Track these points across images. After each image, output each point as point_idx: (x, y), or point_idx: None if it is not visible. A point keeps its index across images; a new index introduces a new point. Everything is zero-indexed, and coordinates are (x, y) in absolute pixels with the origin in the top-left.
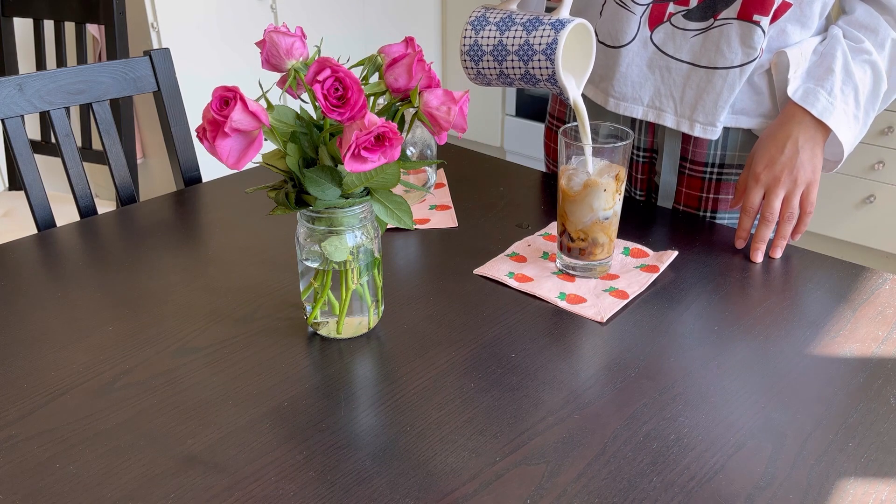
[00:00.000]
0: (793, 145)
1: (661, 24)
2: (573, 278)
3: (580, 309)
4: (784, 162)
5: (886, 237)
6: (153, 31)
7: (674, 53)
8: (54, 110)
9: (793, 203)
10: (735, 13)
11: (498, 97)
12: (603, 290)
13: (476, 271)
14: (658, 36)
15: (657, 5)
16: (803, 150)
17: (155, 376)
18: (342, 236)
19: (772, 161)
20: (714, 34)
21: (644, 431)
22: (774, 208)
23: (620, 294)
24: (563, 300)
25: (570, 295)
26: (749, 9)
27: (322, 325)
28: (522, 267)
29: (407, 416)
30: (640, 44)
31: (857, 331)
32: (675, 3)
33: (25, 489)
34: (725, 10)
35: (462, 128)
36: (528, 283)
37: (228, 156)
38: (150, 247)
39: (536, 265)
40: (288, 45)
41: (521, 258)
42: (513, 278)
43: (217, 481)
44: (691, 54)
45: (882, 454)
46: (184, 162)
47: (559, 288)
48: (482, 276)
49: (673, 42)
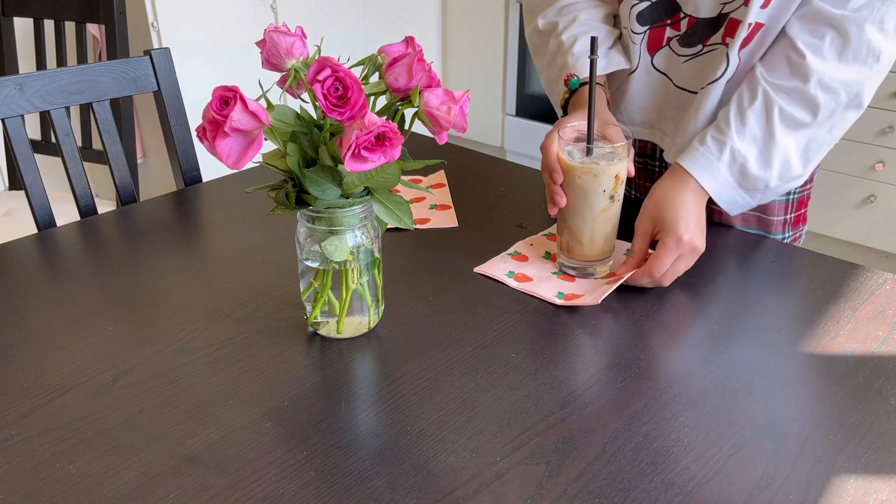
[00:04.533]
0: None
1: (661, 48)
2: (573, 278)
3: (577, 301)
4: None
5: (886, 237)
6: (153, 31)
7: (672, 77)
8: (54, 110)
9: None
10: (720, 38)
11: (498, 97)
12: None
13: (476, 269)
14: (659, 60)
15: (654, 31)
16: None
17: (155, 376)
18: (342, 236)
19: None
20: (703, 60)
21: (644, 431)
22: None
23: (613, 278)
24: (560, 298)
25: (567, 294)
26: (726, 33)
27: (322, 325)
28: (523, 266)
29: (407, 415)
30: (644, 70)
31: (857, 331)
32: (671, 27)
33: (25, 489)
34: (713, 36)
35: (462, 127)
36: (527, 283)
37: (228, 155)
38: (151, 247)
39: (537, 265)
40: (288, 45)
41: (522, 257)
42: (512, 278)
43: (217, 481)
44: (683, 79)
45: (882, 454)
46: (184, 162)
47: (558, 287)
48: (482, 274)
49: (671, 67)
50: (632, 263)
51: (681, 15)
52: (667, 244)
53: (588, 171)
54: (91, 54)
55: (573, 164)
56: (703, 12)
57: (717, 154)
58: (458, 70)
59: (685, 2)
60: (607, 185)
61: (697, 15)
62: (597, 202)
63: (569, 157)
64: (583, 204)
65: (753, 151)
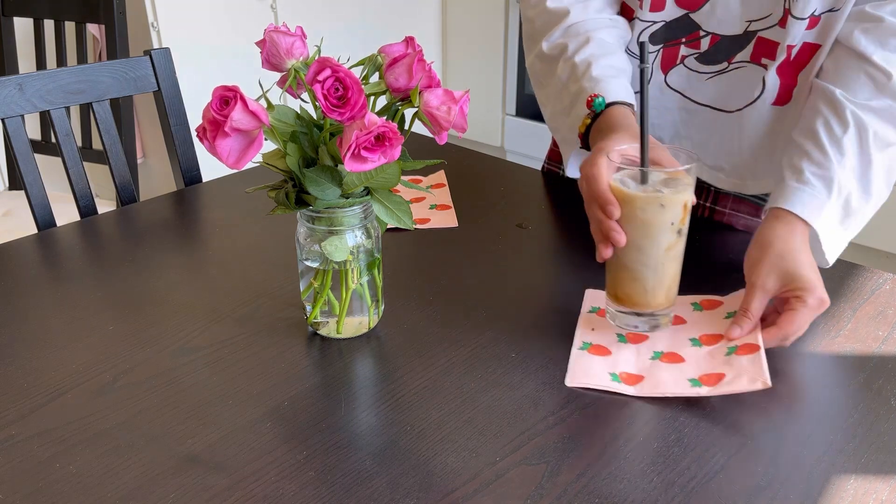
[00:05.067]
0: None
1: (675, 66)
2: (645, 336)
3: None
4: None
5: (886, 237)
6: (153, 31)
7: (691, 96)
8: (54, 110)
9: None
10: (748, 56)
11: (498, 97)
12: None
13: (570, 384)
14: (673, 79)
15: (668, 49)
16: None
17: (155, 376)
18: (342, 236)
19: None
20: (731, 78)
21: (644, 431)
22: None
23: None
24: (699, 386)
25: (703, 376)
26: (758, 53)
27: (322, 325)
28: (615, 361)
29: (407, 415)
30: (657, 89)
31: (858, 331)
32: (686, 45)
33: (25, 489)
34: (739, 54)
35: (462, 127)
36: (643, 384)
37: (228, 155)
38: (151, 247)
39: (622, 350)
40: (288, 45)
41: (601, 349)
42: (620, 381)
43: (217, 481)
44: (708, 97)
45: (882, 454)
46: (184, 162)
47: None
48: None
49: (690, 85)
50: (750, 326)
51: (700, 34)
52: (809, 304)
53: (653, 202)
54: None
55: (633, 194)
56: (727, 29)
57: (825, 192)
58: (458, 70)
59: (706, 20)
60: (675, 216)
61: (721, 32)
62: (663, 238)
63: (622, 185)
64: (647, 242)
65: (854, 182)
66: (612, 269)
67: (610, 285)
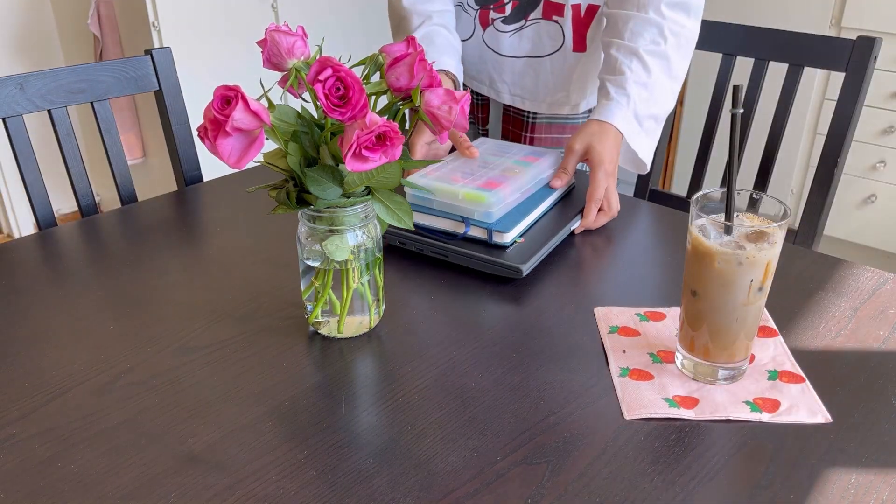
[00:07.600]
0: None
1: (488, 27)
2: None
3: (791, 417)
4: None
5: (886, 237)
6: (153, 31)
7: (498, 49)
8: (55, 109)
9: None
10: (540, 14)
11: None
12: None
13: (629, 417)
14: (487, 37)
15: (483, 11)
16: None
17: (156, 375)
18: (343, 235)
19: None
20: (533, 31)
21: (645, 431)
22: None
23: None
24: (760, 412)
25: (759, 399)
26: (549, 11)
27: (323, 325)
28: (663, 384)
29: (408, 415)
30: (476, 42)
31: (858, 331)
32: (494, 10)
33: (26, 488)
34: (532, 13)
35: (463, 127)
36: (700, 407)
37: (230, 155)
38: (151, 246)
39: (665, 372)
40: (289, 45)
41: (644, 374)
42: (677, 406)
43: (218, 480)
44: (509, 49)
45: (882, 454)
46: (185, 161)
47: (734, 396)
48: (642, 419)
49: (496, 42)
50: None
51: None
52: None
53: (731, 259)
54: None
55: (711, 247)
56: None
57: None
58: None
59: None
60: (756, 275)
61: None
62: (740, 294)
63: (701, 234)
64: (723, 295)
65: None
66: (689, 320)
67: (683, 336)
